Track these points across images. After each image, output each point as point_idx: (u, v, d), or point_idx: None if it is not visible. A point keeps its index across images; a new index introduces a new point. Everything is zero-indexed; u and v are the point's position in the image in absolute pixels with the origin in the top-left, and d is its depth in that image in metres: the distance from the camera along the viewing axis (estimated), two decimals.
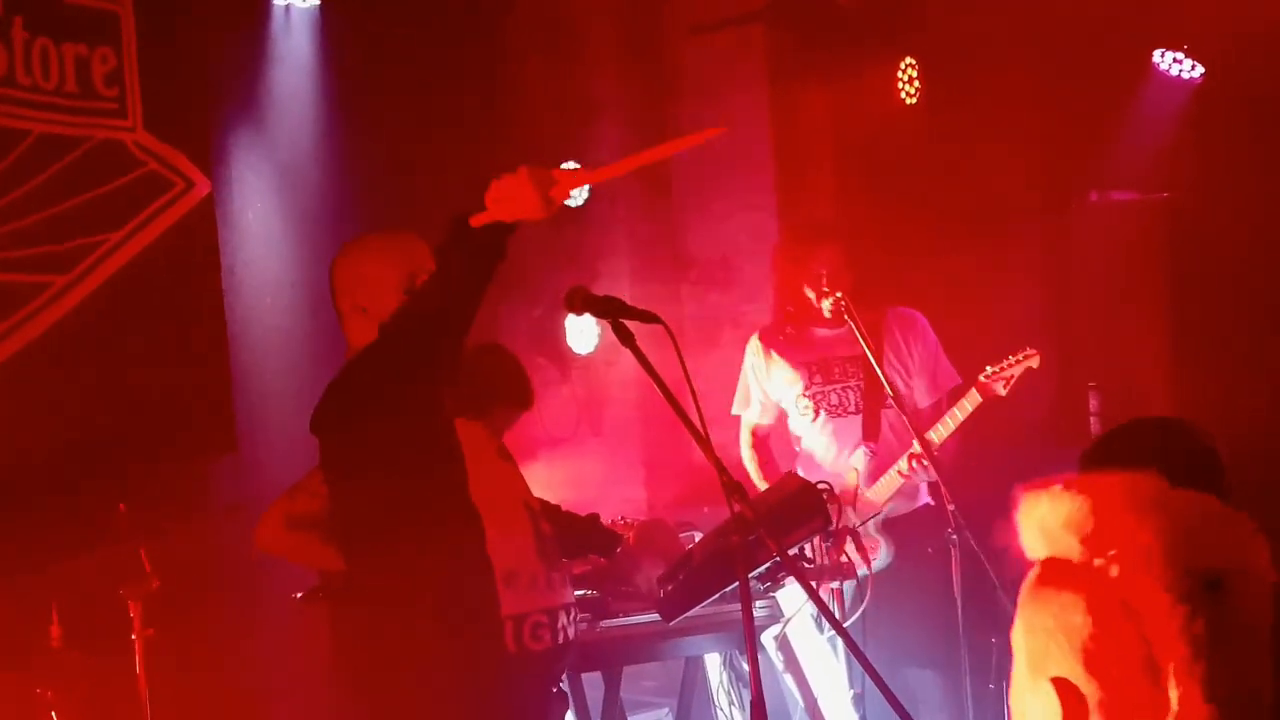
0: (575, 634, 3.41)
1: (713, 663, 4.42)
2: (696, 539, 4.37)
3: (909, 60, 5.96)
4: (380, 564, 2.97)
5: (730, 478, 2.67)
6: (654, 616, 3.81)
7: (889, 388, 4.32)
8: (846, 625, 3.87)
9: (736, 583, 2.92)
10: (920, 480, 4.53)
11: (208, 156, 4.91)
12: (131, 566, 3.61)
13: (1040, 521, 1.40)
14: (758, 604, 4.12)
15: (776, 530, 3.42)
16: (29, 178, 4.45)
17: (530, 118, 6.04)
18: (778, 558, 3.52)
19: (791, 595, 4.09)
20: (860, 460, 4.58)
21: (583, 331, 5.98)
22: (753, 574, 3.66)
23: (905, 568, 4.52)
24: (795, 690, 4.23)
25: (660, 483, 6.10)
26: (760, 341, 4.83)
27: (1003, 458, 4.35)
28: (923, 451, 4.32)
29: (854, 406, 4.67)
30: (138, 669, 3.64)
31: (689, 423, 2.64)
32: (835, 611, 3.84)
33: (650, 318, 2.81)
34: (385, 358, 2.90)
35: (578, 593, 3.88)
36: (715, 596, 3.67)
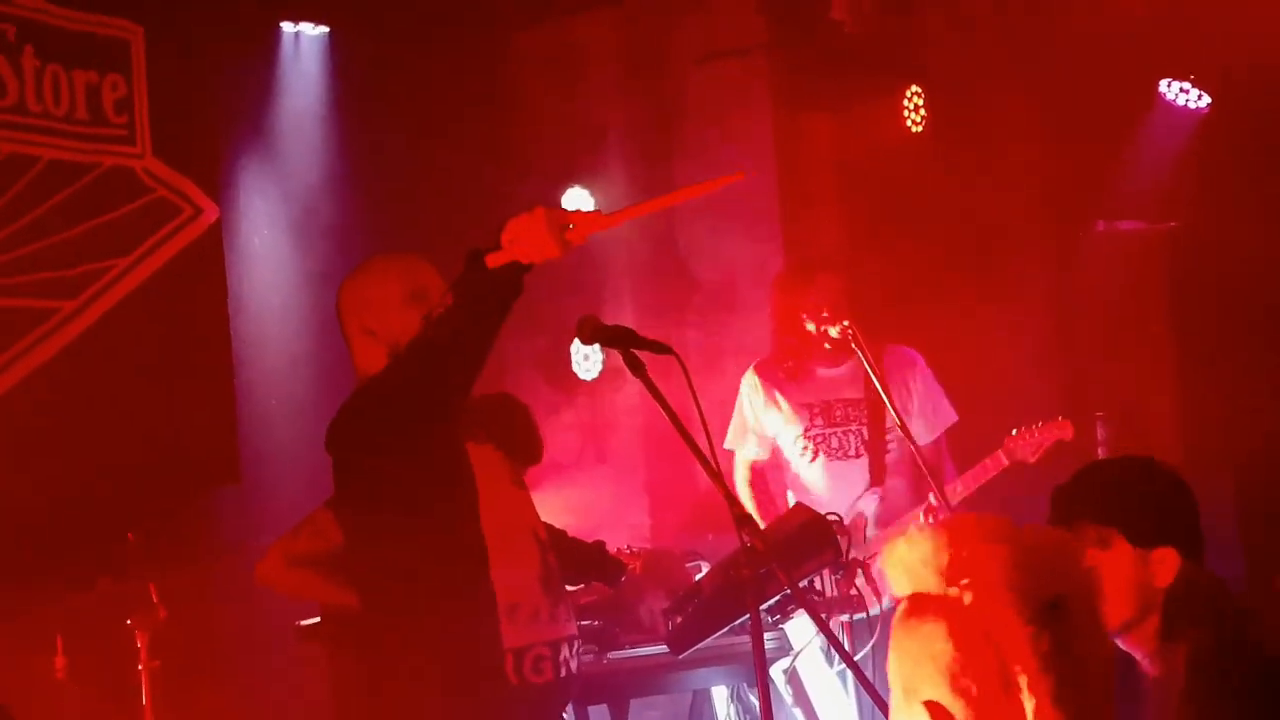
0: (578, 667, 3.39)
1: (720, 695, 4.38)
2: (703, 568, 4.35)
3: (914, 89, 5.97)
4: (383, 590, 2.96)
5: (741, 509, 2.66)
6: (661, 648, 3.79)
7: (904, 430, 4.23)
8: (856, 659, 3.84)
9: (747, 615, 2.90)
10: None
11: (216, 183, 4.92)
12: (140, 597, 3.59)
13: (901, 560, 1.54)
14: (766, 636, 4.08)
15: (787, 562, 3.39)
16: (38, 203, 4.46)
17: (537, 144, 6.05)
18: (788, 590, 3.50)
19: (800, 628, 4.06)
20: (869, 505, 4.52)
21: (587, 358, 5.97)
22: (763, 606, 3.63)
23: None
24: None
25: (665, 510, 6.07)
26: (757, 376, 4.70)
27: (1011, 489, 4.32)
28: (939, 505, 4.25)
29: (855, 450, 4.59)
30: (144, 700, 3.61)
31: (700, 454, 2.62)
32: (846, 645, 3.81)
33: (661, 348, 2.80)
34: (397, 387, 2.89)
35: (583, 623, 3.86)
36: (725, 629, 3.65)
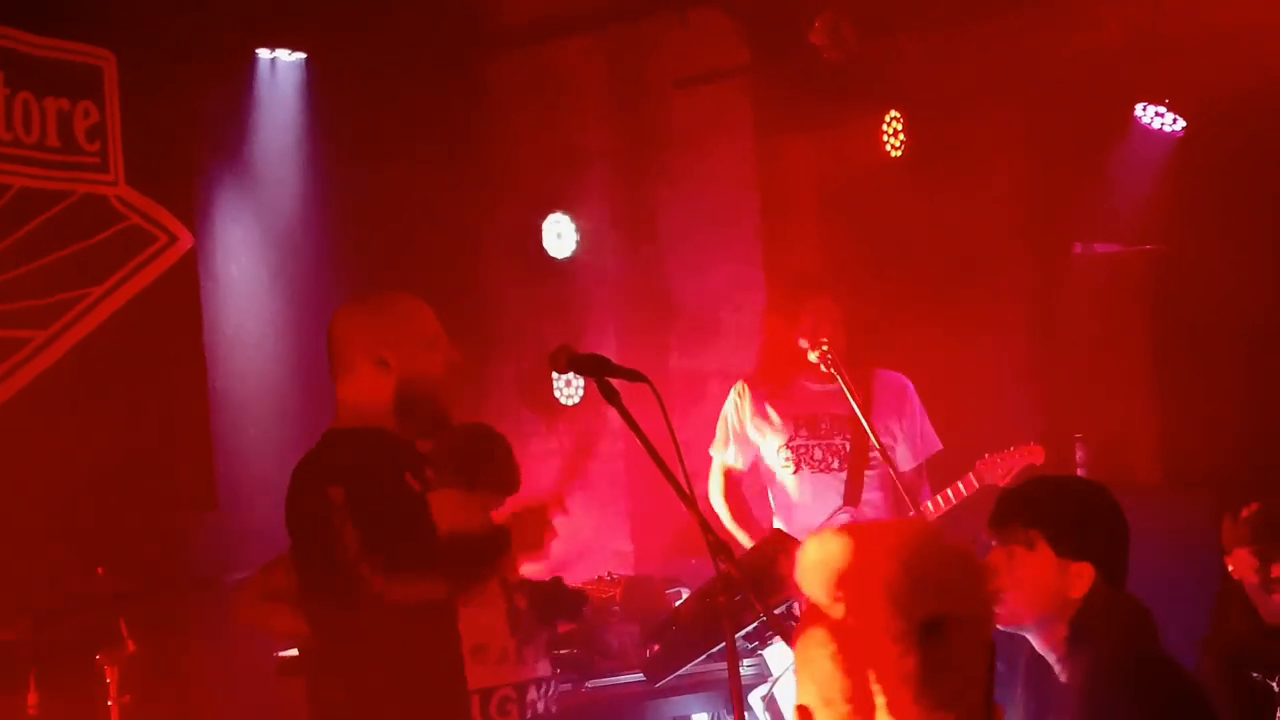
0: (546, 708, 3.39)
1: None
2: (684, 595, 4.34)
3: (893, 113, 6.00)
4: (345, 633, 2.95)
5: (716, 536, 2.66)
6: (640, 676, 3.76)
7: (884, 456, 4.28)
8: None
9: (723, 643, 2.89)
10: None
11: (191, 211, 4.89)
12: (109, 631, 3.55)
13: (802, 564, 1.56)
14: (745, 663, 4.07)
15: (762, 589, 3.38)
16: (9, 232, 4.44)
17: (517, 168, 6.05)
18: (764, 617, 3.48)
19: (779, 654, 4.05)
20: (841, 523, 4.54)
21: (569, 384, 5.95)
22: (740, 633, 3.62)
23: None
24: None
25: (648, 536, 6.05)
26: (745, 387, 4.78)
27: (988, 511, 4.31)
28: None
29: (837, 464, 4.63)
30: None
31: (674, 481, 2.64)
32: None
33: (635, 376, 2.82)
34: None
35: (561, 651, 3.83)
36: (702, 657, 3.63)
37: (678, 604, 4.08)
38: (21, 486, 4.29)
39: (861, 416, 4.31)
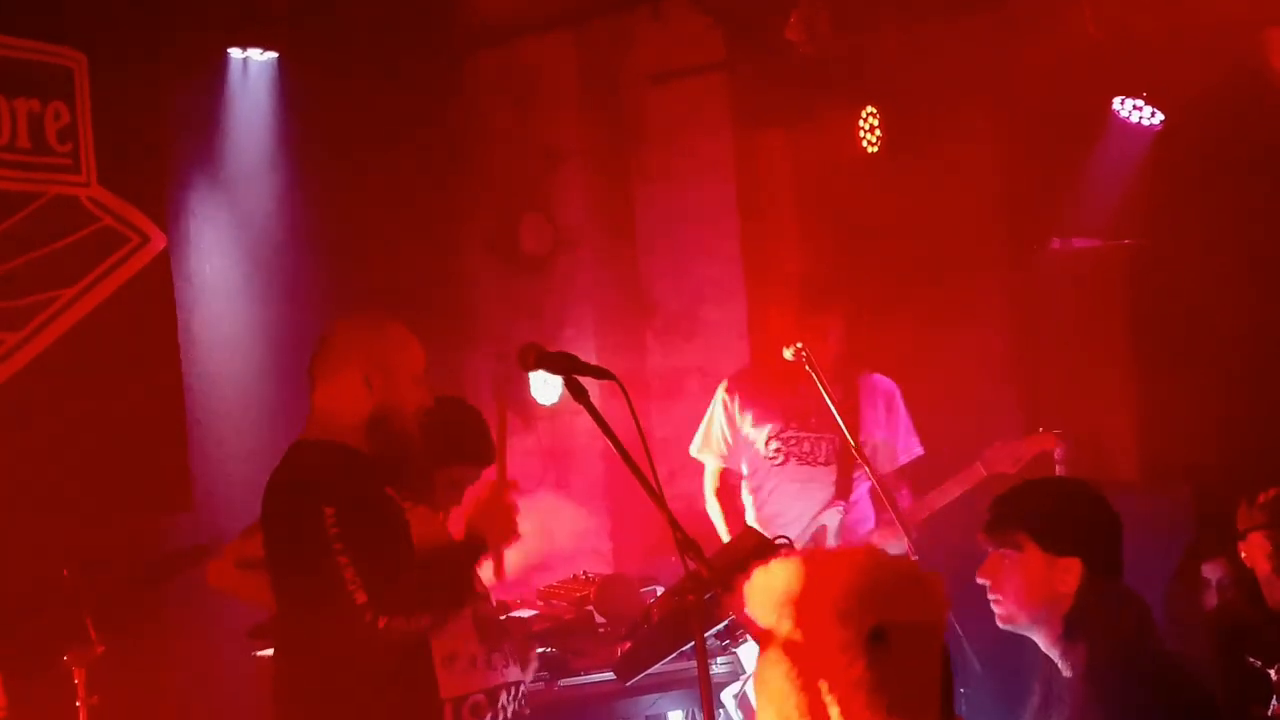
0: (517, 711, 3.39)
1: None
2: (659, 594, 4.33)
3: (870, 109, 5.98)
4: (322, 649, 2.95)
5: (684, 534, 2.67)
6: (612, 675, 3.76)
7: (861, 456, 4.32)
8: None
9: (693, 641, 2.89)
10: (894, 549, 4.51)
11: (163, 211, 4.88)
12: (76, 632, 3.54)
13: (749, 592, 1.67)
14: (719, 661, 4.07)
15: (733, 587, 3.38)
16: None
17: (492, 167, 6.03)
18: (734, 615, 3.48)
19: (752, 652, 4.04)
20: (832, 520, 4.54)
21: (546, 383, 5.93)
22: (710, 632, 3.61)
23: None
24: None
25: (627, 535, 6.05)
26: (732, 386, 4.80)
27: (969, 511, 4.32)
28: (899, 524, 4.29)
29: (824, 457, 4.65)
30: None
31: (643, 478, 2.66)
32: None
33: (603, 374, 2.84)
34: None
35: (539, 650, 3.83)
36: (674, 655, 3.62)
37: (650, 603, 4.07)
38: None
39: (838, 416, 4.32)
